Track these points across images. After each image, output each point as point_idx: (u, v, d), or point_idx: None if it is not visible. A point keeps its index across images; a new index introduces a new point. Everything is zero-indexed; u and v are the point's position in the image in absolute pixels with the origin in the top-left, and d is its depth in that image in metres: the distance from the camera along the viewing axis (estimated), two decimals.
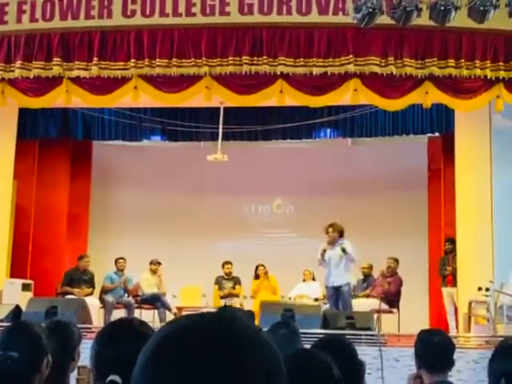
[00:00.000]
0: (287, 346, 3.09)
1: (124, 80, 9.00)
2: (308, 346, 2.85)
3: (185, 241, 12.97)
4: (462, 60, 8.56)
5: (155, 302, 10.96)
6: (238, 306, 11.13)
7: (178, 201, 13.22)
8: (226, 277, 11.62)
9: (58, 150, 12.40)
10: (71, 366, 2.93)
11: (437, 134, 11.82)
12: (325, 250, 9.29)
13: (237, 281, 11.60)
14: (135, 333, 1.93)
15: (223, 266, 11.62)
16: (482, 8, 6.73)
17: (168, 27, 8.90)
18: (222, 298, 11.43)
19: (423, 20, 7.33)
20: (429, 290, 11.84)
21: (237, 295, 11.48)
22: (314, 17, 8.73)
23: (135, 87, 9.04)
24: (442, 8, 6.70)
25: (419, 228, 12.13)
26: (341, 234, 9.40)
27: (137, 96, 9.13)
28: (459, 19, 7.02)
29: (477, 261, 9.15)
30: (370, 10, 6.78)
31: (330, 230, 9.32)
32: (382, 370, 6.62)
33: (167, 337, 0.94)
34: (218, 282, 11.58)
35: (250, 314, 4.88)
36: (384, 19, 7.11)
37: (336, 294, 9.35)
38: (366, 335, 7.95)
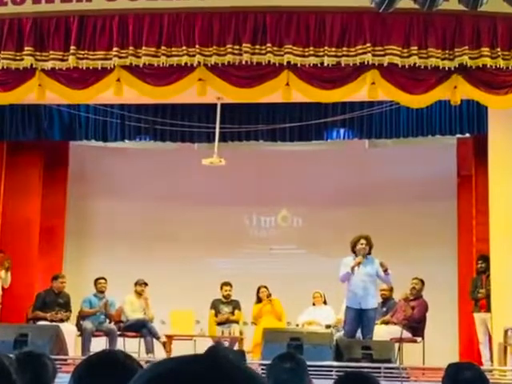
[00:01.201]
0: (293, 383, 3.10)
1: (105, 71, 9.03)
2: (319, 382, 2.86)
3: (175, 258, 12.97)
4: (498, 49, 8.57)
5: (141, 328, 10.97)
6: (237, 333, 11.17)
7: (168, 211, 13.23)
8: (224, 300, 11.63)
9: (29, 152, 12.42)
10: None
11: (467, 134, 11.83)
12: (359, 263, 9.32)
13: (236, 305, 11.61)
14: (120, 368, 1.93)
15: (221, 288, 11.64)
16: None
17: (157, 11, 8.94)
18: (218, 324, 11.45)
19: (452, 4, 7.36)
20: (458, 316, 11.82)
21: (236, 321, 11.49)
22: (326, 0, 8.76)
23: (118, 80, 9.06)
24: None
25: (447, 244, 12.12)
26: (370, 249, 9.51)
27: (120, 90, 9.15)
28: (493, 3, 7.04)
29: None
30: None
31: (364, 242, 9.43)
32: None
33: (155, 377, 0.98)
34: (215, 305, 11.60)
35: (241, 354, 4.92)
36: (406, 3, 7.13)
37: (359, 318, 9.35)
38: (385, 368, 7.96)
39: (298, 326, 11.33)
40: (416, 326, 10.52)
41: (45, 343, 8.55)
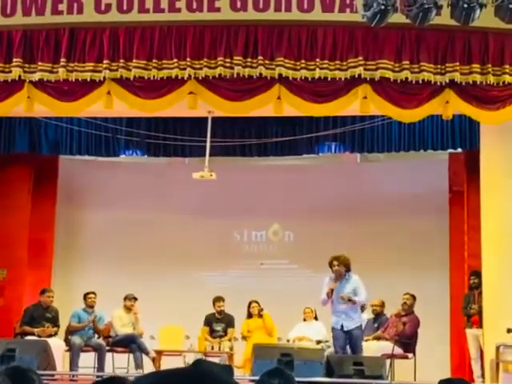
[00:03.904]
0: None
1: (95, 84, 9.00)
2: None
3: (165, 273, 12.93)
4: (489, 65, 8.61)
5: (130, 344, 10.91)
6: (227, 349, 11.12)
7: (157, 226, 13.20)
8: (217, 316, 11.58)
9: (18, 166, 12.40)
10: None
11: (459, 149, 11.87)
12: (332, 290, 9.26)
13: (229, 321, 11.55)
14: None
15: (214, 304, 11.59)
16: (511, 6, 6.78)
17: (148, 24, 8.93)
18: (207, 340, 11.41)
19: (443, 19, 7.37)
20: (450, 332, 11.82)
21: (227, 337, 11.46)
22: (318, 14, 8.77)
23: (108, 92, 9.04)
24: (466, 5, 6.74)
25: (439, 259, 12.13)
26: (347, 268, 9.41)
27: (110, 103, 9.14)
28: (485, 18, 7.06)
29: (506, 298, 9.14)
30: (382, 6, 6.81)
31: (336, 263, 9.33)
32: None
33: None
34: (209, 322, 11.54)
35: (228, 369, 4.87)
36: (398, 17, 7.15)
37: (345, 338, 9.31)
38: None
39: (288, 341, 11.30)
40: (407, 342, 10.49)
41: (32, 358, 8.49)
